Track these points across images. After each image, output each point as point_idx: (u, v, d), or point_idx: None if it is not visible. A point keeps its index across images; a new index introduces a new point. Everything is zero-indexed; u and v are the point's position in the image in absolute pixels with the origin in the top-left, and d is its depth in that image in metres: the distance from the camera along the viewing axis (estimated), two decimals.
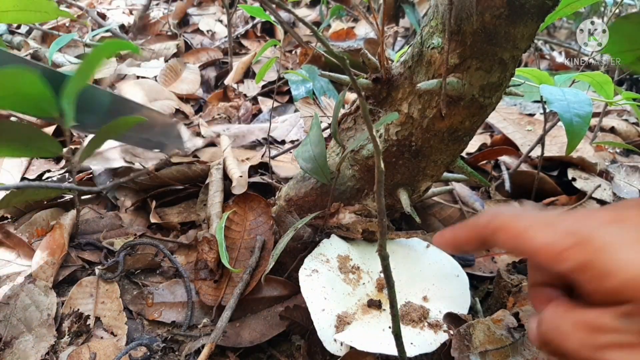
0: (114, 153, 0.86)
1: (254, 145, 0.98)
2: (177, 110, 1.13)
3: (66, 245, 0.69)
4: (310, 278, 0.53)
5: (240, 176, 0.79)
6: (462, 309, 0.53)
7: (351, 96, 1.06)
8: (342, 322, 0.50)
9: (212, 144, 0.99)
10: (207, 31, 1.67)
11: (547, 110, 0.75)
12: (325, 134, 0.87)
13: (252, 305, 0.61)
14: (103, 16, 1.75)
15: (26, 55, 1.34)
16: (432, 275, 0.58)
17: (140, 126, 0.71)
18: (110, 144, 0.86)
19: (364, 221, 0.62)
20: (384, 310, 0.52)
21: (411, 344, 0.46)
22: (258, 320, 0.59)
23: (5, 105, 0.52)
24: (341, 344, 0.48)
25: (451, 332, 0.48)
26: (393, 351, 0.42)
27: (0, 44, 1.05)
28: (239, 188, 0.76)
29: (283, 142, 1.00)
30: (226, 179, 0.83)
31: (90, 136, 0.62)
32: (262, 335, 0.57)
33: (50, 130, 0.96)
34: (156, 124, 0.74)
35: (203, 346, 0.54)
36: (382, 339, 0.46)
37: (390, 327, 0.46)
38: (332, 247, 0.59)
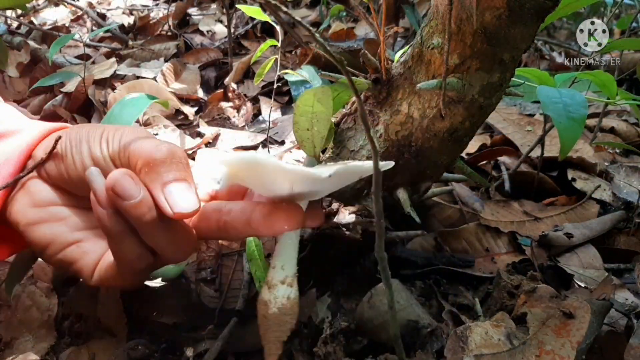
0: None
1: (253, 146, 0.98)
2: (177, 111, 1.13)
3: None
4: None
5: None
6: None
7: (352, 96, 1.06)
8: None
9: (209, 143, 0.99)
10: (207, 31, 1.67)
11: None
12: None
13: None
14: (103, 16, 1.75)
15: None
16: None
17: None
18: None
19: (364, 221, 0.62)
20: None
21: None
22: None
23: None
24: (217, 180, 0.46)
25: None
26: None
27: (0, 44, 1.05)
28: None
29: (283, 143, 1.00)
30: None
31: None
32: None
33: None
34: None
35: (206, 350, 0.54)
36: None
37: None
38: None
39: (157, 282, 0.68)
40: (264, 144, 0.96)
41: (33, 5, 1.81)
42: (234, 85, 1.23)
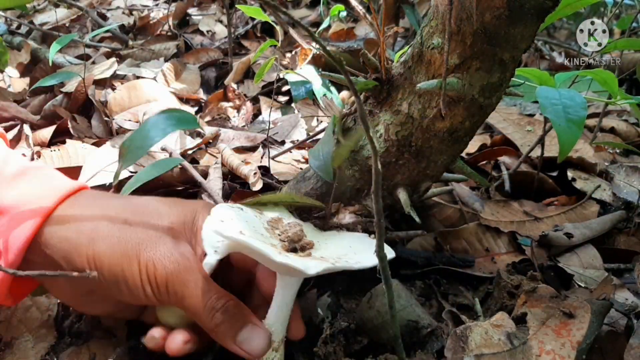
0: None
1: (253, 146, 0.98)
2: None
3: None
4: (229, 207, 0.50)
5: (255, 173, 0.81)
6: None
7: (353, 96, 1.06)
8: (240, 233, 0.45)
9: (209, 143, 0.99)
10: (207, 31, 1.67)
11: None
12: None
13: None
14: (103, 16, 1.75)
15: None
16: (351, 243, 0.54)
17: None
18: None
19: (364, 221, 0.62)
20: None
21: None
22: None
23: None
24: (215, 249, 0.46)
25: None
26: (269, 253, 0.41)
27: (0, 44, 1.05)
28: (258, 184, 0.80)
29: (283, 143, 1.00)
30: (224, 178, 0.84)
31: None
32: None
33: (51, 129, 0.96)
34: None
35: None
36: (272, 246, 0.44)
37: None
38: (276, 212, 0.56)
39: None
40: (264, 144, 0.96)
41: (33, 5, 1.81)
42: (234, 85, 1.23)
